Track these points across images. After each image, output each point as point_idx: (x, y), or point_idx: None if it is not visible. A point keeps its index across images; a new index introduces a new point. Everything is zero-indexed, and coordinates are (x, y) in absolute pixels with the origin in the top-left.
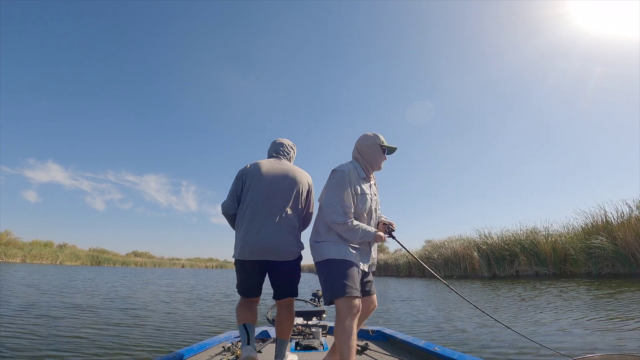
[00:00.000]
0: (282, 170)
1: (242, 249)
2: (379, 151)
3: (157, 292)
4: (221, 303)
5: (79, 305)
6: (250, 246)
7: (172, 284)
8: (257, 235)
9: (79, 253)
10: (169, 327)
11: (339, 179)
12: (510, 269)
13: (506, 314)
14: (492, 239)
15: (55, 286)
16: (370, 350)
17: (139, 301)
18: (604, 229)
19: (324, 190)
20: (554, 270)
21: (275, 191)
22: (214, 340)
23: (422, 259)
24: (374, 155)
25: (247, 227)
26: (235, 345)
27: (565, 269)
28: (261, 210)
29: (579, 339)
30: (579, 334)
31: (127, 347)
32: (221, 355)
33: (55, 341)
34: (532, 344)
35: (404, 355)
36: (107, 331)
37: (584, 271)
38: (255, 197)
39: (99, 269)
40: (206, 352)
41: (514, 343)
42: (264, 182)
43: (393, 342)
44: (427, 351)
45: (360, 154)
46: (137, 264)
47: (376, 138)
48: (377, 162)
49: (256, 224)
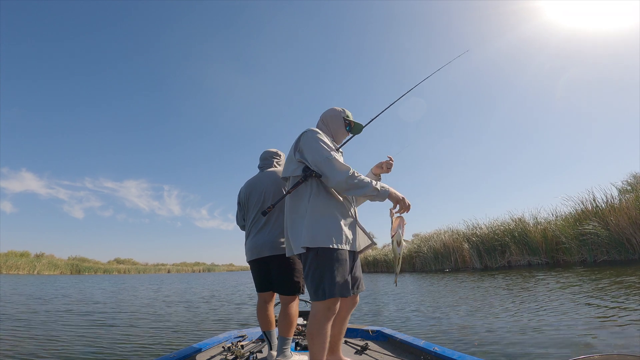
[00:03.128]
0: (264, 178)
1: (246, 252)
2: (342, 124)
3: (149, 295)
4: (220, 303)
5: (73, 309)
6: (250, 249)
7: (161, 288)
8: (253, 238)
9: (57, 262)
10: (169, 327)
11: (319, 135)
12: (502, 259)
13: (508, 309)
14: (481, 229)
15: (43, 295)
16: (370, 350)
17: (135, 304)
18: (595, 214)
19: (304, 152)
20: (546, 259)
21: (261, 197)
22: (213, 340)
23: (412, 253)
24: (336, 126)
25: (248, 235)
26: (235, 345)
27: (558, 257)
28: (256, 220)
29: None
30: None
31: (127, 347)
32: (221, 355)
33: (53, 342)
34: (532, 342)
35: (404, 355)
36: (107, 331)
37: (578, 259)
38: (250, 210)
39: (80, 277)
40: (206, 352)
41: (513, 341)
42: (252, 194)
43: (393, 342)
44: (427, 351)
45: (324, 123)
46: (120, 271)
47: (342, 112)
48: (338, 135)
49: (253, 230)
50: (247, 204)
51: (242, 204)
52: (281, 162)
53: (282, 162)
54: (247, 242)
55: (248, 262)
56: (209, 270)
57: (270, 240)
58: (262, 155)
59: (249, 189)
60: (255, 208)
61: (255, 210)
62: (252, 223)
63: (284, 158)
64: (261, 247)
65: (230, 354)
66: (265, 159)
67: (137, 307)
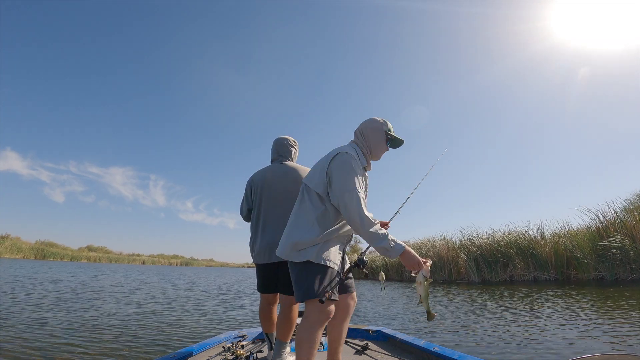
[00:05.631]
0: (284, 174)
1: (255, 252)
2: (383, 138)
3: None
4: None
5: (69, 302)
6: (260, 251)
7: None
8: (264, 238)
9: (21, 245)
10: (168, 327)
11: (352, 164)
12: (504, 273)
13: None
14: (481, 239)
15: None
16: (370, 350)
17: (136, 301)
18: (620, 227)
19: (332, 176)
20: (555, 275)
21: (280, 197)
22: (213, 340)
23: (400, 261)
24: (377, 141)
25: (259, 235)
26: (235, 345)
27: (568, 273)
28: (269, 218)
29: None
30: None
31: (127, 347)
32: (221, 356)
33: (49, 343)
34: (532, 344)
35: (404, 355)
36: (106, 332)
37: (594, 277)
38: (263, 207)
39: (40, 262)
40: (206, 352)
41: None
42: (269, 190)
43: (393, 342)
44: (427, 351)
45: (363, 135)
46: (89, 259)
47: (384, 124)
48: (377, 151)
49: (267, 229)
50: (260, 198)
51: (253, 195)
52: (297, 154)
53: (297, 153)
54: (257, 242)
55: (256, 264)
56: (187, 264)
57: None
58: (278, 141)
59: (265, 183)
60: (269, 205)
61: (270, 208)
62: (264, 221)
63: (298, 148)
64: (272, 251)
65: (230, 354)
66: (284, 147)
67: (141, 305)
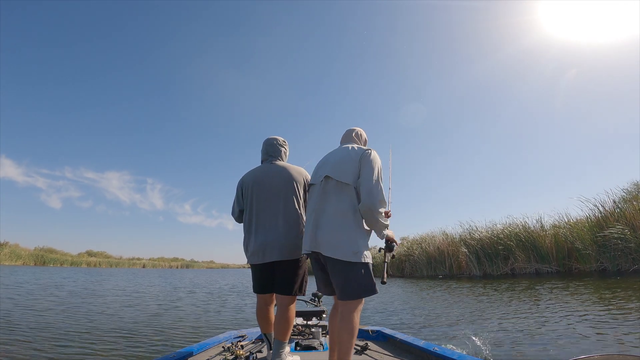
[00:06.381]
0: (275, 174)
1: (249, 253)
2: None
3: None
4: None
5: (72, 306)
6: (254, 251)
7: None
8: (257, 239)
9: (20, 252)
10: (168, 327)
11: (379, 162)
12: (505, 266)
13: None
14: (481, 232)
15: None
16: (370, 350)
17: (136, 301)
18: (620, 217)
19: (364, 165)
20: (557, 267)
21: (272, 197)
22: (213, 340)
23: (402, 257)
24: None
25: (253, 235)
26: (235, 345)
27: (570, 265)
28: (262, 218)
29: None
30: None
31: (127, 347)
32: (221, 356)
33: (52, 345)
34: (533, 345)
35: (404, 355)
36: (106, 332)
37: (596, 268)
38: (255, 207)
39: (41, 269)
40: (206, 352)
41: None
42: (261, 190)
43: (393, 342)
44: (427, 351)
45: (361, 141)
46: (89, 264)
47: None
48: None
49: (259, 230)
50: (252, 198)
51: (244, 196)
52: (287, 153)
53: (288, 152)
54: (250, 242)
55: (251, 264)
56: (187, 266)
57: (277, 244)
58: (268, 142)
59: (256, 184)
60: (261, 205)
61: (262, 208)
62: (256, 221)
63: (288, 148)
64: (266, 251)
65: (230, 354)
66: (274, 147)
67: (142, 305)
